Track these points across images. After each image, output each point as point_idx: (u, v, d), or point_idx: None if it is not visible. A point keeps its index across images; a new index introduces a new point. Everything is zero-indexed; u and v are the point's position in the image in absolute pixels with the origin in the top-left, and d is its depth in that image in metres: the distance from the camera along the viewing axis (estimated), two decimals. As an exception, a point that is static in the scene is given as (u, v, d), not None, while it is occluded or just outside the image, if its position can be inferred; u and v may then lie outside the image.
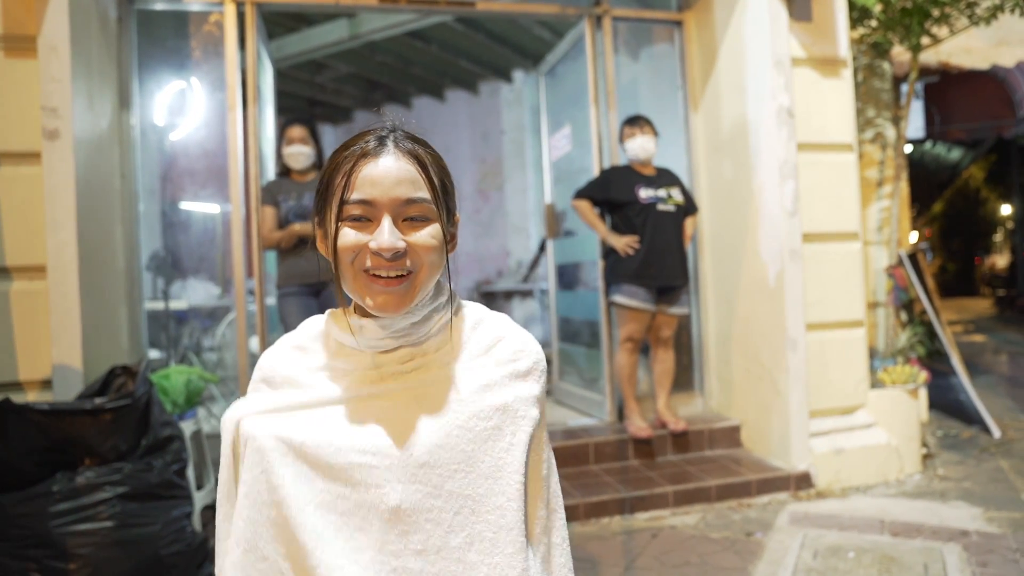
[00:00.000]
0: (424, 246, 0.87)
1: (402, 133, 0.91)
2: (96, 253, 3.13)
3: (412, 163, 0.88)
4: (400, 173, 0.86)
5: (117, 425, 2.41)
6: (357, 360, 0.92)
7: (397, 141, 0.89)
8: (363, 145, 0.88)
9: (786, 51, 3.59)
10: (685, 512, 3.30)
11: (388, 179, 0.86)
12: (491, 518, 0.84)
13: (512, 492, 0.85)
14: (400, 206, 0.86)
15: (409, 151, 0.88)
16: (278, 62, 5.91)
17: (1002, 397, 5.58)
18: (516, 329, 0.97)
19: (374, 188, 0.85)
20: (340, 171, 0.88)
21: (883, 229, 4.71)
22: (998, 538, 2.85)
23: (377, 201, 0.86)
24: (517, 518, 0.84)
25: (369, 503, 0.83)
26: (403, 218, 0.87)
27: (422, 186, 0.87)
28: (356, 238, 0.86)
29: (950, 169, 13.74)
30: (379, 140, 0.89)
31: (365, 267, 0.86)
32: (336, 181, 0.88)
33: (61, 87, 2.81)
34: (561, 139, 4.79)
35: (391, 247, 0.84)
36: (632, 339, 3.78)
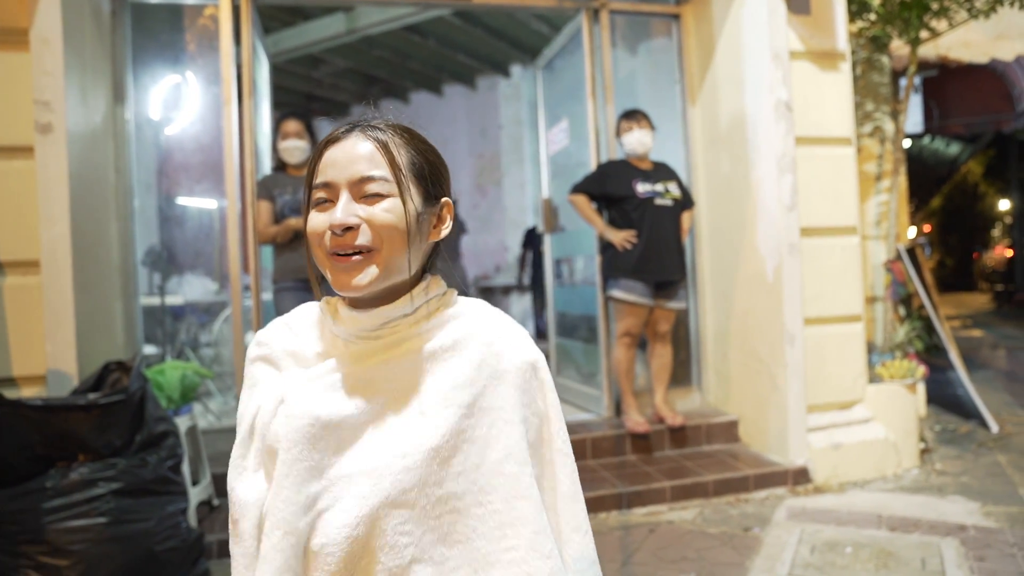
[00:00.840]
0: (379, 222, 0.86)
1: (378, 120, 0.92)
2: (91, 248, 3.11)
3: (373, 143, 0.88)
4: (358, 152, 0.88)
5: (111, 420, 2.39)
6: (341, 351, 0.91)
7: (363, 127, 0.90)
8: (333, 134, 0.91)
9: (784, 44, 3.57)
10: (682, 507, 3.30)
11: (346, 159, 0.87)
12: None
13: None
14: (356, 184, 0.87)
15: (373, 135, 0.89)
16: (274, 57, 5.89)
17: (1000, 392, 5.58)
18: (504, 327, 0.94)
19: (333, 169, 0.88)
20: (313, 161, 0.91)
21: (881, 224, 4.70)
22: (995, 532, 2.85)
23: (335, 181, 0.87)
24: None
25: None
26: (361, 196, 0.87)
27: (380, 163, 0.88)
28: (319, 221, 0.88)
29: (948, 164, 13.72)
30: (350, 126, 0.90)
31: (330, 249, 0.87)
32: (310, 171, 0.91)
33: (54, 80, 2.79)
34: (558, 133, 4.77)
35: (341, 222, 0.85)
36: (630, 334, 3.77)
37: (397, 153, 0.89)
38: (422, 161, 0.92)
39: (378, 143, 0.88)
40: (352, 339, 0.90)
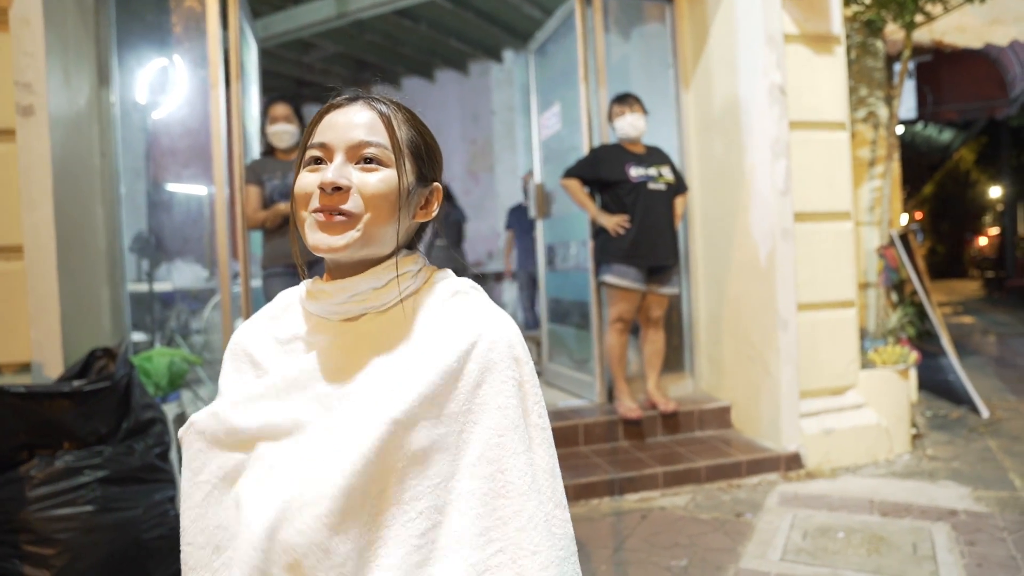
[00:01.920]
0: (372, 190, 0.85)
1: (379, 94, 0.91)
2: (75, 233, 3.06)
3: (374, 112, 0.88)
4: (359, 119, 0.87)
5: (97, 408, 2.36)
6: (323, 330, 0.91)
7: (366, 97, 0.90)
8: (334, 100, 0.90)
9: (778, 27, 3.53)
10: (675, 493, 3.29)
11: (346, 124, 0.87)
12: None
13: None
14: (353, 147, 0.86)
15: (375, 104, 0.89)
16: (264, 41, 5.80)
17: (990, 377, 5.60)
18: (482, 312, 0.90)
19: (331, 131, 0.87)
20: (311, 125, 0.90)
21: (875, 209, 4.69)
22: (986, 517, 2.85)
23: (331, 143, 0.87)
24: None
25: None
26: (356, 160, 0.87)
27: (380, 132, 0.87)
28: (309, 179, 0.87)
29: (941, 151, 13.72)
30: (351, 96, 0.90)
31: (314, 207, 0.86)
32: (306, 134, 0.91)
33: (35, 62, 2.73)
34: (551, 118, 4.73)
35: (332, 181, 0.84)
36: (622, 319, 3.75)
37: (398, 127, 0.89)
38: (420, 141, 0.92)
39: (381, 114, 0.88)
40: (324, 315, 0.90)
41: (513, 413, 0.85)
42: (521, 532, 0.81)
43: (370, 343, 0.88)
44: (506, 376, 0.86)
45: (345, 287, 0.88)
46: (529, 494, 0.82)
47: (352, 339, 0.89)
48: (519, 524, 0.82)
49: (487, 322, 0.88)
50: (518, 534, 0.81)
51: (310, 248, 0.86)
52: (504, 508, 0.82)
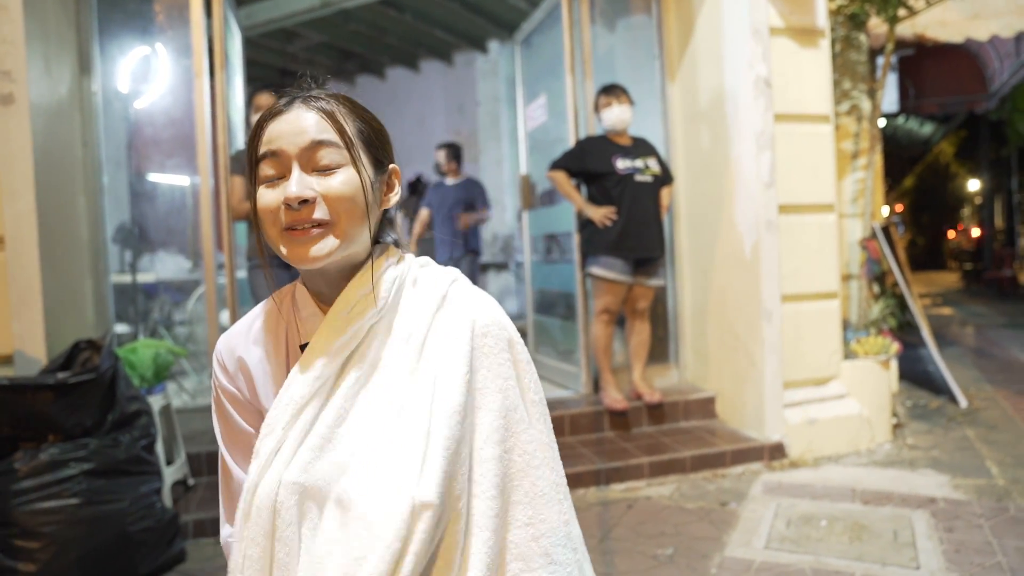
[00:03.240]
0: (337, 194, 0.84)
1: (317, 92, 0.89)
2: (58, 224, 3.03)
3: (316, 112, 0.86)
4: (303, 122, 0.85)
5: (82, 400, 2.34)
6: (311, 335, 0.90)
7: (305, 98, 0.87)
8: (272, 107, 0.88)
9: (764, 20, 3.55)
10: (660, 483, 3.32)
11: (293, 129, 0.84)
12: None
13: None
14: (306, 151, 0.84)
15: (316, 105, 0.86)
16: (248, 30, 5.74)
17: (969, 368, 5.69)
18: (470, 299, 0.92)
19: (280, 140, 0.84)
20: (254, 136, 0.87)
21: (857, 201, 4.73)
22: (964, 504, 2.91)
23: (283, 151, 0.84)
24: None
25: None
26: (313, 168, 0.84)
27: (328, 130, 0.85)
28: (271, 197, 0.84)
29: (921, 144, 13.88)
30: (289, 99, 0.87)
31: (284, 225, 0.84)
32: (251, 147, 0.87)
33: (14, 49, 2.69)
34: (537, 109, 4.73)
35: (297, 195, 0.82)
36: (608, 311, 3.77)
37: (344, 121, 0.87)
38: (368, 128, 0.90)
39: (323, 112, 0.86)
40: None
41: (513, 394, 0.89)
42: (531, 507, 0.86)
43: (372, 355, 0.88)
44: (502, 359, 0.89)
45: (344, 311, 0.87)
46: (537, 468, 0.87)
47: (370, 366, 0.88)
48: (529, 499, 0.87)
49: (476, 308, 0.91)
50: (529, 509, 0.86)
51: (293, 263, 0.85)
52: (515, 487, 0.87)
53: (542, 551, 0.85)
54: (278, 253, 0.86)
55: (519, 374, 0.91)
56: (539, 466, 0.88)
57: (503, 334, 0.90)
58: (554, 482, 0.89)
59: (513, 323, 0.94)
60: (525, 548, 0.85)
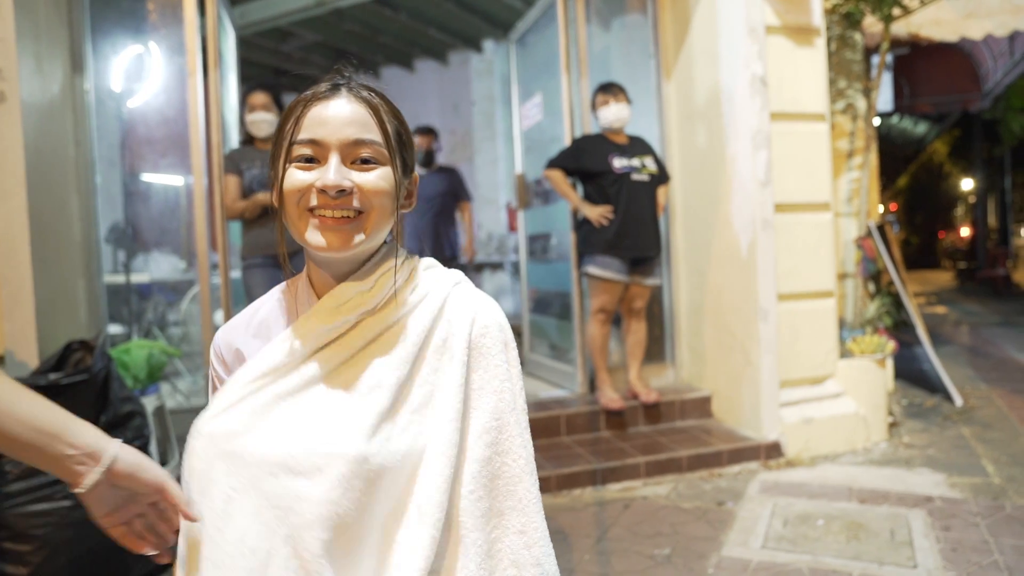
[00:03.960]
0: (373, 188, 0.84)
1: (358, 82, 0.89)
2: (50, 224, 3.00)
3: (364, 106, 0.86)
4: (351, 114, 0.84)
5: (74, 401, 2.32)
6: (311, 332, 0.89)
7: (351, 87, 0.87)
8: (316, 90, 0.87)
9: (760, 18, 3.54)
10: (657, 482, 3.31)
11: (338, 119, 0.84)
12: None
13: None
14: (349, 146, 0.84)
15: (362, 96, 0.86)
16: (242, 29, 5.71)
17: (963, 367, 5.71)
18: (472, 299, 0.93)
19: (323, 128, 0.83)
20: (291, 116, 0.86)
21: (853, 200, 4.73)
22: (960, 503, 2.91)
23: (325, 141, 0.83)
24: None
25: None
26: (352, 160, 0.84)
27: (374, 128, 0.85)
28: (303, 178, 0.83)
29: (916, 143, 13.91)
30: (333, 86, 0.87)
31: (310, 206, 0.83)
32: (287, 126, 0.86)
33: (5, 47, 2.67)
34: (532, 108, 4.72)
35: (336, 184, 0.81)
36: (604, 310, 3.76)
37: (388, 121, 0.87)
38: (403, 130, 0.90)
39: (370, 108, 0.86)
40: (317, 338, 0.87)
41: (508, 396, 0.89)
42: (524, 514, 0.86)
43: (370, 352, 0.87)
44: (499, 360, 0.89)
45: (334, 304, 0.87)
46: (530, 476, 0.87)
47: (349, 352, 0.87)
48: (522, 506, 0.86)
49: (478, 308, 0.91)
50: (522, 516, 0.86)
51: (312, 248, 0.85)
52: (509, 492, 0.87)
53: (534, 560, 0.85)
54: (296, 236, 0.86)
55: (512, 377, 0.91)
56: (531, 473, 0.88)
57: (501, 336, 0.91)
58: (537, 493, 0.90)
59: (508, 323, 0.95)
60: (518, 555, 0.85)
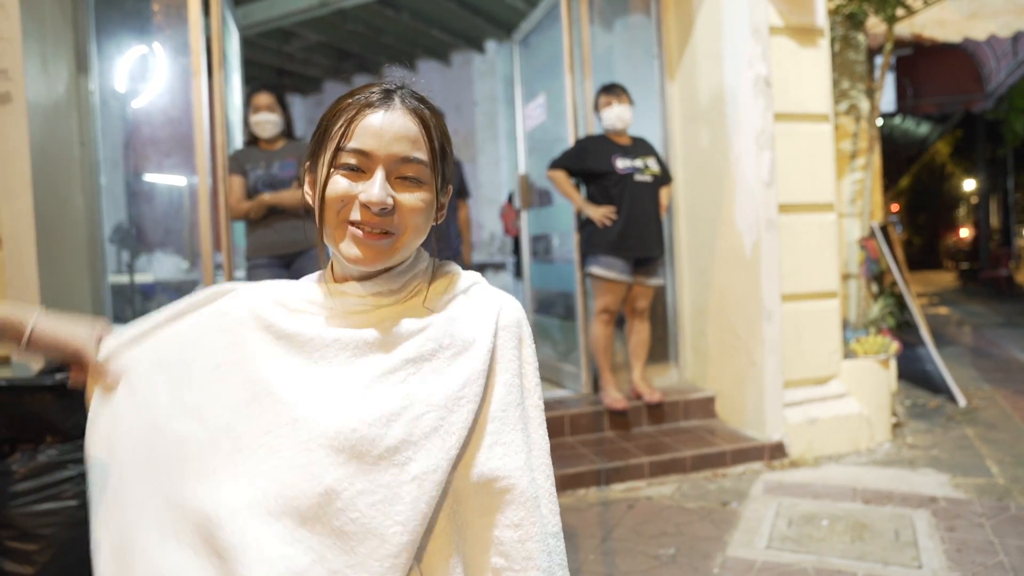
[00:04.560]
0: (412, 208, 0.84)
1: (410, 91, 0.88)
2: (55, 224, 3.01)
3: (416, 122, 0.85)
4: (402, 129, 0.84)
5: (80, 401, 2.31)
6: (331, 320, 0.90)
7: (404, 97, 0.86)
8: (368, 95, 0.85)
9: (764, 19, 3.55)
10: (661, 483, 3.31)
11: (389, 133, 0.83)
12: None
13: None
14: (396, 162, 0.83)
15: (414, 109, 0.86)
16: (245, 29, 5.72)
17: (967, 367, 5.70)
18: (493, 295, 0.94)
19: (373, 139, 0.83)
20: (341, 118, 0.85)
21: (856, 201, 4.73)
22: (964, 503, 2.91)
23: (374, 153, 0.83)
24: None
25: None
26: (397, 176, 0.84)
27: (422, 147, 0.85)
28: (347, 187, 0.83)
29: (918, 144, 13.90)
30: (385, 93, 0.86)
31: (350, 218, 0.84)
32: (335, 127, 0.85)
33: (11, 47, 2.67)
34: (535, 109, 4.72)
35: (380, 201, 0.81)
36: (608, 311, 3.76)
37: (435, 136, 0.86)
38: (448, 145, 0.90)
39: (422, 124, 0.85)
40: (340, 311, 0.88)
41: (515, 391, 0.89)
42: (510, 505, 0.85)
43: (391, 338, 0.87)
44: (512, 355, 0.90)
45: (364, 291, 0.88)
46: (522, 470, 0.86)
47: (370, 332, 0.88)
48: (510, 497, 0.85)
49: (501, 304, 0.92)
50: (507, 508, 0.85)
51: (345, 259, 0.85)
52: (497, 481, 0.86)
53: (526, 554, 0.85)
54: (330, 241, 0.86)
55: (524, 374, 0.92)
56: (524, 470, 0.87)
57: (518, 331, 0.92)
58: (542, 489, 0.90)
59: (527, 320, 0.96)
60: (510, 548, 0.85)
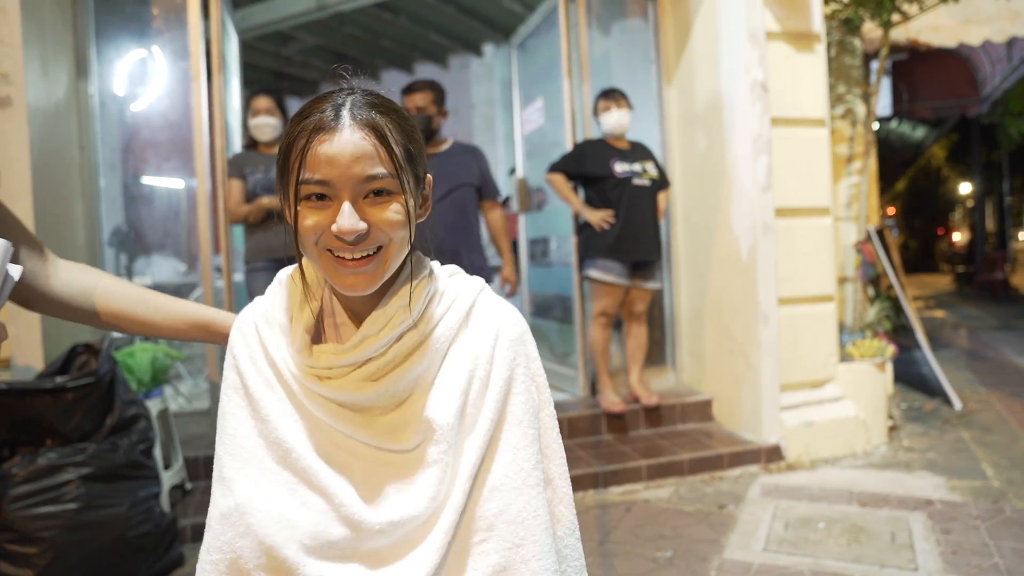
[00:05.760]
0: (388, 222, 0.82)
1: (360, 99, 0.84)
2: (55, 227, 3.02)
3: (370, 135, 0.81)
4: (357, 150, 0.80)
5: (80, 404, 2.33)
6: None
7: (354, 111, 0.82)
8: (318, 116, 0.81)
9: (761, 24, 3.57)
10: (658, 486, 3.33)
11: (344, 157, 0.79)
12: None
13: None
14: (359, 184, 0.80)
15: (366, 122, 0.81)
16: (243, 33, 5.73)
17: (962, 370, 5.73)
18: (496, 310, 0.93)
19: (331, 168, 0.79)
20: (295, 147, 0.81)
21: (852, 205, 4.76)
22: (960, 506, 2.92)
23: (334, 181, 0.80)
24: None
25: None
26: (364, 195, 0.81)
27: (382, 159, 0.81)
28: (316, 221, 0.81)
29: (914, 147, 13.95)
30: (335, 111, 0.82)
31: (329, 247, 0.82)
32: (292, 158, 0.82)
33: (12, 51, 2.68)
34: (533, 113, 4.74)
35: (352, 230, 0.79)
36: (606, 314, 3.78)
37: (394, 143, 0.82)
38: (412, 144, 0.86)
39: (377, 136, 0.81)
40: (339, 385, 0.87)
41: (521, 409, 0.89)
42: (510, 525, 0.85)
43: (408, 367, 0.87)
44: (519, 373, 0.90)
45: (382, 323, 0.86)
46: (522, 489, 0.86)
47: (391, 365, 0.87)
48: (521, 519, 0.85)
49: (502, 320, 0.91)
50: (507, 527, 0.85)
51: (343, 291, 0.84)
52: (498, 500, 0.86)
53: (530, 573, 0.85)
54: (318, 270, 0.85)
55: (537, 387, 0.92)
56: (535, 485, 0.87)
57: (523, 348, 0.91)
58: (565, 492, 0.92)
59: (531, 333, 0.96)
60: (515, 570, 0.84)
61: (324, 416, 0.86)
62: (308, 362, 0.86)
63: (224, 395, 0.91)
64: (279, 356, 0.89)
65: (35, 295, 0.96)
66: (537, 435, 0.91)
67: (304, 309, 0.89)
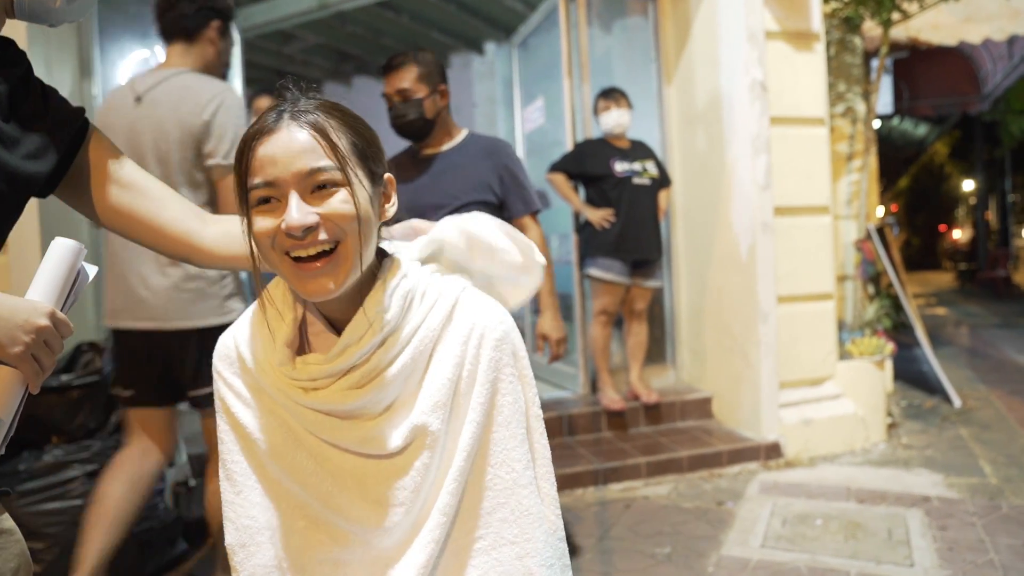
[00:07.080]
0: (338, 214, 0.81)
1: (304, 103, 0.84)
2: (59, 226, 3.04)
3: (308, 129, 0.81)
4: (297, 144, 0.81)
5: (85, 402, 2.36)
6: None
7: (294, 112, 0.83)
8: (260, 123, 0.83)
9: (760, 24, 3.58)
10: (657, 482, 3.35)
11: (286, 154, 0.80)
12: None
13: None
14: (304, 178, 0.80)
15: (306, 120, 0.82)
16: (245, 31, 5.75)
17: (962, 368, 5.74)
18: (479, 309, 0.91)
19: (274, 167, 0.80)
20: (241, 157, 0.83)
21: (852, 203, 4.77)
22: (957, 503, 2.94)
23: (279, 179, 0.80)
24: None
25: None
26: (310, 191, 0.81)
27: (324, 151, 0.81)
28: (269, 224, 0.81)
29: (916, 145, 13.93)
30: (277, 115, 0.83)
31: (285, 249, 0.82)
32: (240, 167, 0.83)
33: (17, 53, 2.70)
34: (534, 112, 4.76)
35: (300, 224, 0.79)
36: (606, 312, 3.80)
37: (337, 138, 0.82)
38: (360, 140, 0.86)
39: (315, 130, 0.81)
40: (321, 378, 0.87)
41: (509, 409, 0.89)
42: (516, 525, 0.86)
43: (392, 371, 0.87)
44: (505, 372, 0.89)
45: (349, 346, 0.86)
46: (513, 488, 0.87)
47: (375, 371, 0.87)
48: (515, 517, 0.87)
49: (485, 319, 0.90)
50: (515, 528, 0.86)
51: (307, 297, 0.83)
52: (500, 504, 0.87)
53: (526, 570, 0.86)
54: (288, 283, 0.85)
55: (524, 386, 0.91)
56: (527, 484, 0.87)
57: (509, 348, 0.90)
58: (550, 495, 0.92)
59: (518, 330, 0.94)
60: (509, 567, 0.86)
61: (310, 427, 0.87)
62: (291, 375, 0.86)
63: (217, 416, 0.94)
64: (261, 374, 0.89)
65: (193, 251, 1.04)
66: (526, 434, 0.91)
67: (282, 324, 0.89)
